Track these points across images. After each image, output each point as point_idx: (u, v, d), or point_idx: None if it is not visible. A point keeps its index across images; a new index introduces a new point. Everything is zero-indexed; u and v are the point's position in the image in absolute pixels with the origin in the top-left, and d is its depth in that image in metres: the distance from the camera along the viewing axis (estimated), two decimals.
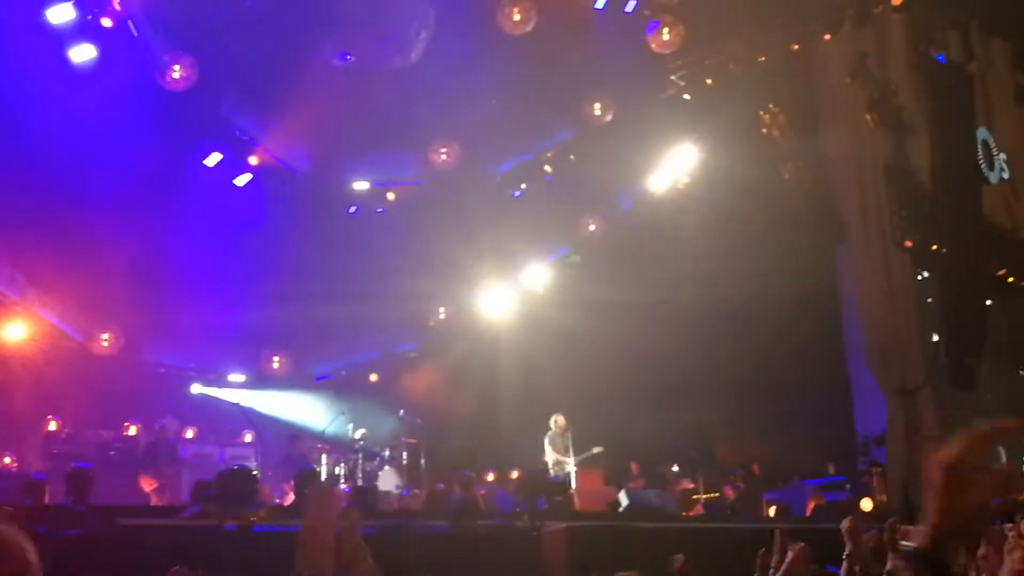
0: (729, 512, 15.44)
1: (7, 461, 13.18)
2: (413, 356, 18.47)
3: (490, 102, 15.88)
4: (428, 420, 16.51)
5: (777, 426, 18.64)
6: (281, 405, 16.95)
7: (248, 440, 15.67)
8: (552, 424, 15.50)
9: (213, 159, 15.56)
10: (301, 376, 17.23)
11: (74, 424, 14.20)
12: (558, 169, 18.12)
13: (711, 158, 17.71)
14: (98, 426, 14.27)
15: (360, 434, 15.70)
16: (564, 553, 10.43)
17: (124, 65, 13.51)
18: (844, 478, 16.20)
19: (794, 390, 17.18)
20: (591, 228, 18.30)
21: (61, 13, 12.97)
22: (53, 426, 13.97)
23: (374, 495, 13.21)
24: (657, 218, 18.26)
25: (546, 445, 15.43)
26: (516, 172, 18.27)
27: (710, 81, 16.93)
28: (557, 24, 14.73)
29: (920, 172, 18.29)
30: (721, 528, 13.25)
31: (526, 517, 11.22)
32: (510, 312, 18.38)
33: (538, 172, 18.29)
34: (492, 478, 16.15)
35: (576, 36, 15.21)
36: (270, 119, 15.65)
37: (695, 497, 16.02)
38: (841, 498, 15.40)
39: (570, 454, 15.25)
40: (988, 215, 19.12)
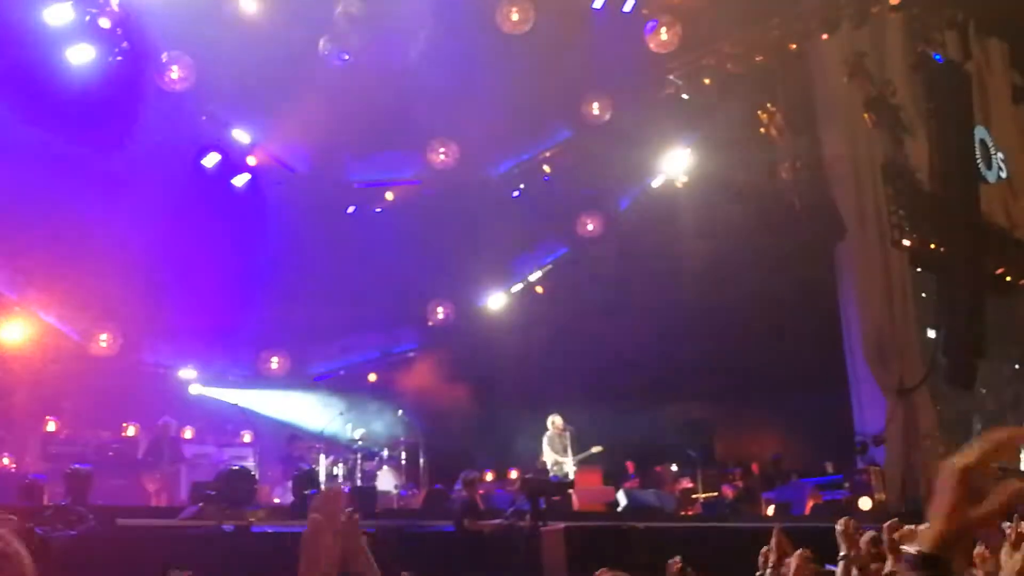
0: (728, 511, 15.45)
1: (6, 462, 13.15)
2: (412, 356, 18.45)
3: (488, 102, 15.86)
4: (427, 420, 16.49)
5: (775, 425, 18.66)
6: (280, 405, 16.92)
7: (247, 440, 15.66)
8: (550, 424, 15.49)
9: (211, 159, 15.54)
10: (300, 376, 17.19)
11: (73, 425, 14.17)
12: (556, 169, 18.12)
13: (709, 158, 17.71)
14: (96, 427, 14.25)
15: (359, 434, 15.70)
16: (564, 552, 10.44)
17: (123, 66, 13.49)
18: (843, 477, 16.21)
19: (793, 389, 17.17)
20: (589, 228, 18.30)
21: (59, 14, 12.93)
22: (52, 427, 13.94)
23: (373, 495, 13.21)
24: (655, 218, 18.26)
25: (544, 445, 15.41)
26: (514, 172, 18.27)
27: (708, 81, 16.95)
28: (556, 24, 14.71)
29: (918, 171, 18.33)
30: (720, 527, 13.28)
31: (528, 517, 11.23)
32: (508, 311, 18.38)
33: (537, 172, 18.29)
34: (491, 478, 16.15)
35: (574, 36, 15.20)
36: (268, 119, 15.61)
37: (694, 496, 16.03)
38: (839, 497, 15.42)
39: (568, 454, 15.24)
40: (986, 214, 19.17)
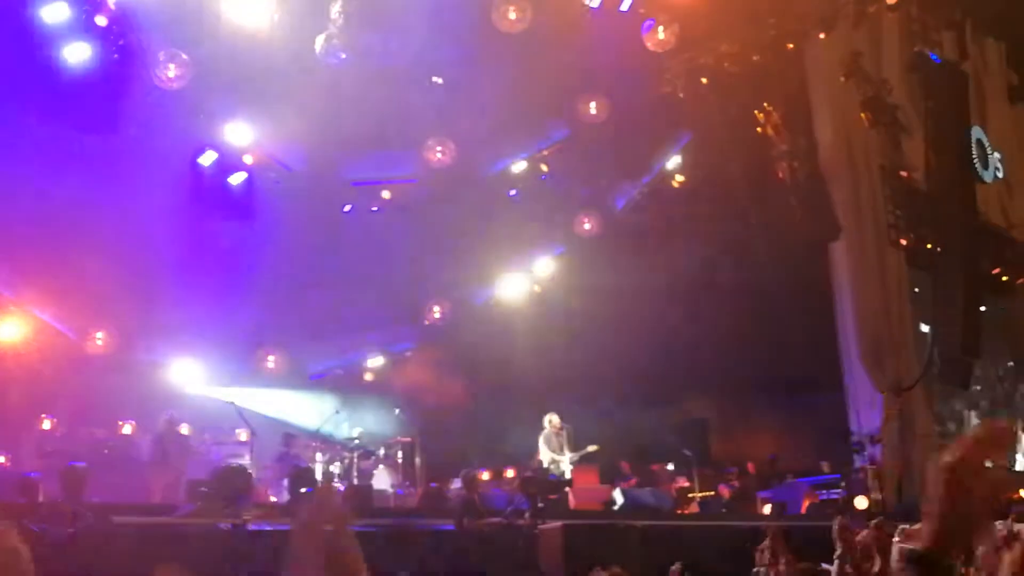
0: (724, 510, 15.46)
1: (1, 459, 13.13)
2: (408, 354, 18.43)
3: (485, 101, 15.84)
4: (423, 418, 16.49)
5: (772, 424, 18.68)
6: (276, 403, 16.90)
7: (243, 438, 15.60)
8: (546, 423, 15.49)
9: (208, 158, 15.51)
10: (296, 374, 17.17)
11: (68, 422, 14.14)
12: (554, 168, 18.11)
13: (706, 157, 17.71)
14: (92, 424, 14.24)
15: (355, 432, 15.69)
16: (561, 551, 10.45)
17: (120, 64, 13.46)
18: (839, 476, 16.23)
19: (789, 388, 17.19)
20: (585, 226, 18.29)
21: (55, 12, 12.91)
22: (47, 424, 13.90)
23: (369, 493, 13.21)
24: (651, 217, 18.26)
25: (541, 444, 15.41)
26: (511, 171, 18.26)
27: (705, 80, 16.94)
28: (553, 23, 14.70)
29: (914, 171, 18.35)
30: (716, 526, 13.29)
31: (527, 515, 11.25)
32: (506, 311, 18.37)
33: (534, 171, 18.28)
34: (487, 476, 16.15)
35: (571, 35, 15.19)
36: (265, 118, 15.58)
37: (690, 495, 16.04)
38: (836, 496, 15.44)
39: (565, 453, 15.24)
40: (982, 214, 19.19)
